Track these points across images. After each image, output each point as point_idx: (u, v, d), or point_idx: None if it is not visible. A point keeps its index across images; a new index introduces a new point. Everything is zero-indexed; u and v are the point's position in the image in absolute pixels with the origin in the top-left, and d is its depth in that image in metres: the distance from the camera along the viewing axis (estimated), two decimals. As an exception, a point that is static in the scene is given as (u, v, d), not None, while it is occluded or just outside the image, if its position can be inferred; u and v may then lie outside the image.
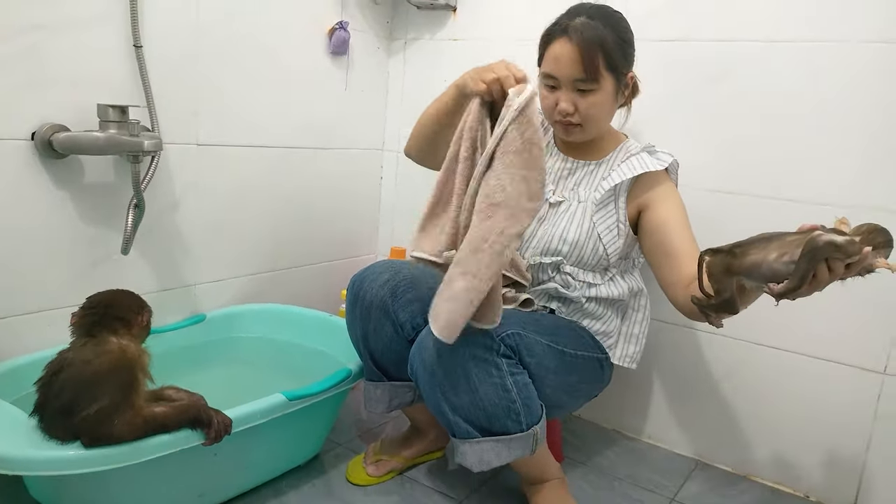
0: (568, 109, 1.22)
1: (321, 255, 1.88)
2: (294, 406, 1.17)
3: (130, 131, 1.21)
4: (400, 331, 1.23)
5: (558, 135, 1.34)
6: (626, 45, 1.22)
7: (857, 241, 0.86)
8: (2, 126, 1.15)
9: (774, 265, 0.90)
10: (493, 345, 1.07)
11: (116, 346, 0.99)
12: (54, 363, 0.98)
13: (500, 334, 1.08)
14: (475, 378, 1.07)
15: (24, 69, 1.16)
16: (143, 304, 1.08)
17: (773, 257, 0.90)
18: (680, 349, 1.58)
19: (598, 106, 1.22)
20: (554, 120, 1.27)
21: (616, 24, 1.21)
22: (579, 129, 1.25)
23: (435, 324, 0.99)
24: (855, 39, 1.31)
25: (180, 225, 1.49)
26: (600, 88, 1.20)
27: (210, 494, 1.16)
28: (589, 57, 1.17)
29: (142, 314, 1.07)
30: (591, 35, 1.17)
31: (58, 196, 1.25)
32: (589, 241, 1.26)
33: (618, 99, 1.26)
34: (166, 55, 1.38)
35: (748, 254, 0.93)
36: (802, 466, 1.46)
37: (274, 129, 1.66)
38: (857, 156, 1.33)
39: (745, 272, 0.94)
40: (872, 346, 1.35)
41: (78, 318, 1.02)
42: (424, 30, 1.89)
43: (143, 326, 1.06)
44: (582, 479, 1.44)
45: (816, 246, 0.85)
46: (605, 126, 1.31)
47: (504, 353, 1.08)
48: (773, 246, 0.91)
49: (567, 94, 1.21)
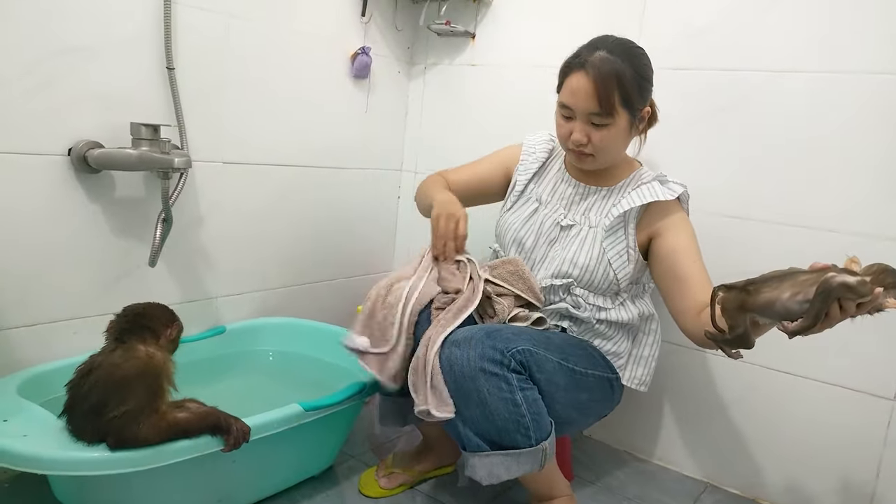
0: (581, 140, 1.25)
1: (338, 271, 1.93)
2: (310, 416, 1.20)
3: (161, 149, 1.26)
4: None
5: (572, 162, 1.37)
6: (643, 82, 1.24)
7: (869, 282, 0.88)
8: (41, 142, 1.21)
9: (788, 304, 0.92)
10: (503, 360, 1.10)
11: (144, 353, 1.03)
12: (84, 366, 1.02)
13: (511, 350, 1.12)
14: (486, 392, 1.10)
15: (62, 89, 1.23)
16: (175, 318, 1.12)
17: (786, 296, 0.93)
18: (691, 372, 1.59)
19: (611, 139, 1.25)
20: (568, 148, 1.31)
21: (635, 60, 1.23)
22: (591, 158, 1.29)
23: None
24: (865, 70, 1.34)
25: (204, 239, 1.54)
26: (614, 123, 1.23)
27: (228, 500, 1.19)
28: (605, 92, 1.20)
29: (171, 327, 1.10)
30: (608, 70, 1.19)
31: (90, 209, 1.31)
32: (599, 265, 1.29)
33: (631, 132, 1.29)
34: (197, 77, 1.44)
35: (761, 291, 0.95)
36: (811, 491, 1.46)
37: (296, 149, 1.72)
38: (868, 184, 1.35)
39: (758, 310, 0.96)
40: (882, 372, 1.36)
41: (111, 324, 1.06)
42: (444, 55, 1.95)
43: (170, 339, 1.10)
44: (591, 499, 1.45)
45: (830, 287, 0.88)
46: (618, 156, 1.34)
47: (514, 369, 1.11)
48: (786, 285, 0.93)
49: (581, 125, 1.25)
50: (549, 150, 1.46)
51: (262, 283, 1.71)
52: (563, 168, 1.42)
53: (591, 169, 1.34)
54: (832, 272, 0.90)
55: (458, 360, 1.11)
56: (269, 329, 1.67)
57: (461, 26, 1.84)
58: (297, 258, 1.79)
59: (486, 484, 1.14)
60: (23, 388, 1.15)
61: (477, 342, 1.11)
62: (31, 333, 1.26)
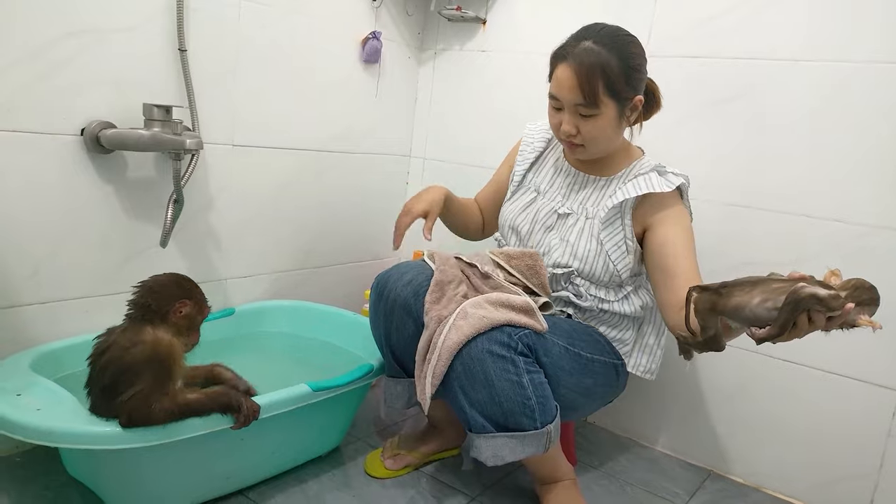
0: (570, 131, 1.25)
1: (347, 255, 1.94)
2: (318, 397, 1.22)
3: (173, 130, 1.27)
4: (422, 329, 1.27)
5: (566, 152, 1.38)
6: (631, 71, 1.22)
7: (842, 297, 0.87)
8: (54, 122, 1.22)
9: (756, 310, 0.92)
10: (511, 342, 1.11)
11: (151, 337, 1.02)
12: (101, 342, 1.04)
13: (519, 333, 1.13)
14: (492, 374, 1.11)
15: (76, 69, 1.23)
16: (186, 294, 1.09)
17: (756, 302, 0.92)
18: (695, 361, 1.60)
19: (600, 129, 1.24)
20: (559, 138, 1.31)
21: (623, 49, 1.21)
22: (582, 149, 1.29)
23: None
24: (871, 60, 1.33)
25: (215, 221, 1.55)
26: (601, 113, 1.22)
27: (236, 477, 1.21)
28: (588, 83, 1.19)
29: (178, 306, 1.07)
30: (591, 61, 1.19)
31: (103, 189, 1.32)
32: (598, 258, 1.29)
33: (621, 122, 1.27)
34: (209, 60, 1.45)
35: (733, 295, 0.94)
36: (814, 481, 1.47)
37: (306, 133, 1.72)
38: (874, 175, 1.35)
39: (728, 313, 0.95)
40: (887, 363, 1.36)
41: (130, 298, 1.06)
42: (454, 41, 1.95)
43: (180, 316, 1.08)
44: (594, 483, 1.46)
45: (799, 297, 0.87)
46: (611, 145, 1.32)
47: (521, 352, 1.12)
48: (757, 290, 0.93)
49: (569, 116, 1.25)
50: (547, 139, 1.45)
51: (271, 265, 1.72)
52: (562, 157, 1.42)
53: (584, 159, 1.34)
54: (804, 283, 0.89)
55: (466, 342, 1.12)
56: (277, 311, 1.68)
57: (472, 12, 1.83)
58: (306, 242, 1.80)
59: (490, 465, 1.15)
60: (36, 363, 1.17)
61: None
62: (44, 311, 1.27)
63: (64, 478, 1.20)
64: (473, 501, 1.33)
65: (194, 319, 1.11)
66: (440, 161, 2.03)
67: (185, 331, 1.09)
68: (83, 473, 1.16)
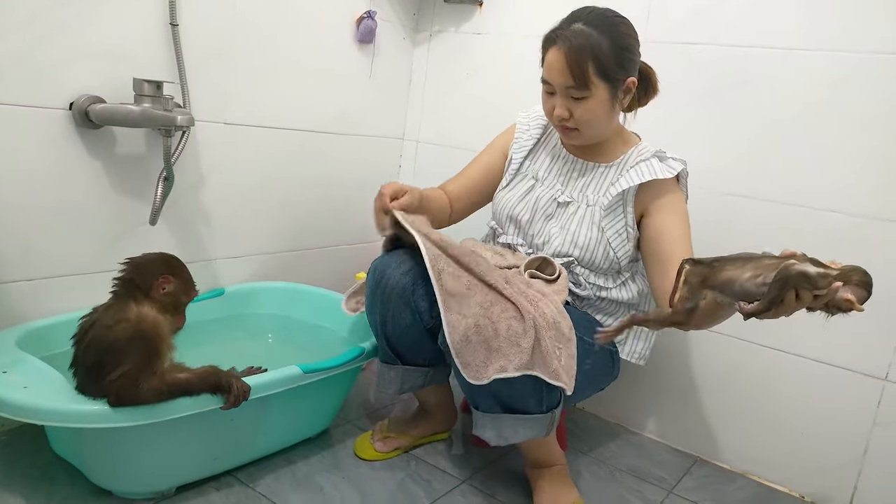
0: (563, 115, 1.25)
1: (338, 237, 1.92)
2: (308, 378, 1.21)
3: (164, 106, 1.25)
4: (419, 319, 1.25)
5: (560, 137, 1.37)
6: (622, 52, 1.21)
7: (831, 276, 0.87)
8: (42, 95, 1.20)
9: (746, 285, 0.93)
10: None
11: (135, 314, 1.01)
12: (85, 321, 1.02)
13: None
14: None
15: (64, 41, 1.20)
16: (169, 270, 1.08)
17: (746, 276, 0.93)
18: (684, 348, 1.61)
19: (592, 112, 1.23)
20: (553, 123, 1.30)
21: (614, 30, 1.20)
22: (576, 133, 1.28)
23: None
24: (873, 50, 1.33)
25: (205, 200, 1.53)
26: (592, 95, 1.21)
27: (224, 458, 1.20)
28: (578, 66, 1.18)
29: (160, 281, 1.05)
30: (581, 43, 1.18)
31: (91, 165, 1.29)
32: (599, 246, 1.29)
33: (615, 105, 1.25)
34: (201, 36, 1.42)
35: (725, 269, 0.95)
36: (799, 467, 1.48)
37: (299, 113, 1.70)
38: (874, 166, 1.35)
39: (718, 287, 0.96)
40: (874, 353, 1.37)
41: (115, 276, 1.05)
42: (450, 22, 1.93)
43: (164, 293, 1.06)
44: (584, 469, 1.47)
45: (788, 274, 0.88)
46: (606, 130, 1.30)
47: None
48: (749, 266, 0.93)
49: (561, 100, 1.24)
50: (544, 126, 1.44)
51: (261, 246, 1.71)
52: (559, 144, 1.41)
53: (579, 143, 1.33)
54: (795, 260, 0.89)
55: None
56: (268, 293, 1.67)
57: (469, -7, 1.81)
58: (297, 223, 1.79)
59: (493, 444, 1.16)
60: (22, 341, 1.15)
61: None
62: (30, 288, 1.25)
63: (50, 456, 1.18)
64: (463, 484, 1.33)
65: (179, 299, 1.09)
66: (434, 144, 2.01)
67: (170, 308, 1.07)
68: (69, 452, 1.15)
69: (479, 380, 1.08)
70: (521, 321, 1.09)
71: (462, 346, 1.08)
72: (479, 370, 1.08)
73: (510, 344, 1.08)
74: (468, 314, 1.10)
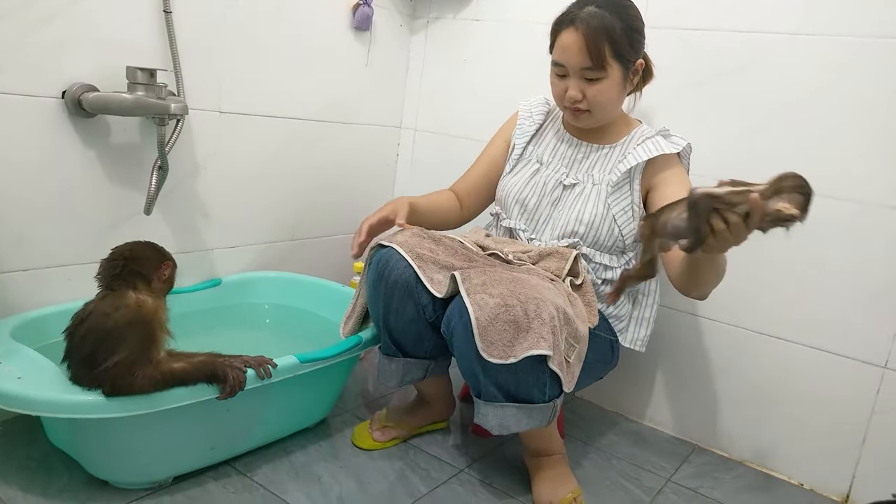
0: (576, 97, 1.27)
1: (335, 227, 1.91)
2: (306, 368, 1.20)
3: (158, 94, 1.24)
4: (422, 312, 1.24)
5: (569, 120, 1.38)
6: (633, 34, 1.25)
7: (751, 191, 0.86)
8: (34, 84, 1.18)
9: (675, 221, 0.95)
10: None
11: (134, 301, 1.01)
12: (79, 314, 1.02)
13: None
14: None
15: (56, 29, 1.19)
16: (165, 257, 1.09)
17: (674, 214, 0.95)
18: (683, 336, 1.60)
19: (606, 93, 1.27)
20: (564, 106, 1.32)
21: (624, 13, 1.24)
22: (588, 114, 1.30)
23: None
24: (873, 34, 1.31)
25: (200, 190, 1.52)
26: (607, 76, 1.25)
27: (221, 448, 1.20)
28: (595, 46, 1.22)
29: (163, 268, 1.07)
30: (597, 24, 1.21)
31: (85, 155, 1.28)
32: (604, 222, 1.30)
33: (626, 86, 1.30)
34: (195, 23, 1.40)
35: (662, 213, 0.98)
36: (798, 455, 1.48)
37: (295, 102, 1.69)
38: (875, 153, 1.34)
39: (658, 231, 0.99)
40: (874, 340, 1.37)
41: (101, 269, 1.05)
42: (447, 9, 1.91)
43: (163, 280, 1.07)
44: (582, 457, 1.47)
45: (693, 199, 0.89)
46: (615, 111, 1.34)
47: None
48: (679, 205, 0.96)
49: (575, 81, 1.27)
50: (546, 111, 1.47)
51: (257, 236, 1.70)
52: (562, 129, 1.43)
53: (587, 126, 1.35)
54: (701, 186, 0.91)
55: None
56: (265, 282, 1.66)
57: (466, -21, 1.79)
58: (294, 213, 1.78)
59: (495, 434, 1.16)
60: (17, 331, 1.14)
61: None
62: (25, 278, 1.25)
63: (46, 447, 1.18)
64: (462, 473, 1.33)
65: (173, 283, 1.10)
66: (431, 133, 1.99)
67: (164, 295, 1.07)
68: (66, 443, 1.14)
69: (505, 359, 1.07)
70: (547, 305, 1.09)
71: (489, 324, 1.07)
72: (505, 349, 1.07)
73: (541, 323, 1.07)
74: (494, 293, 1.09)
